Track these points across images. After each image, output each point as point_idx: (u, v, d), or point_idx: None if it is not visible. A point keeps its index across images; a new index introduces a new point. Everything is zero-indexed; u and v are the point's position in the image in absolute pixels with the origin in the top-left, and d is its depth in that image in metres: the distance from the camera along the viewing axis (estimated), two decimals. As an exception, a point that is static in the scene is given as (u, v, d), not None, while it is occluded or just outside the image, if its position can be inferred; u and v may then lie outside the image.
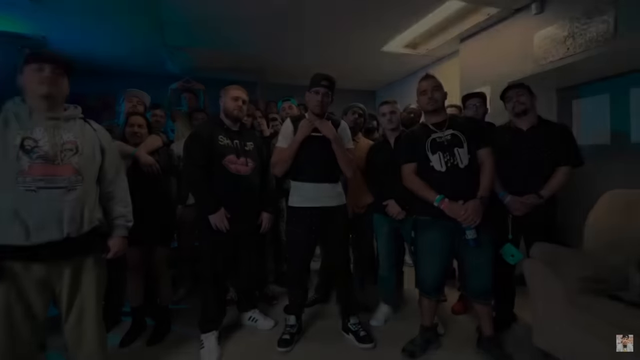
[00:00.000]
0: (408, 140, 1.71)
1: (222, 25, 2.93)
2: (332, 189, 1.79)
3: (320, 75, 1.73)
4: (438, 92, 1.65)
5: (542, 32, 2.49)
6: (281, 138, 1.82)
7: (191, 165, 1.74)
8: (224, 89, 1.92)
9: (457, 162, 1.57)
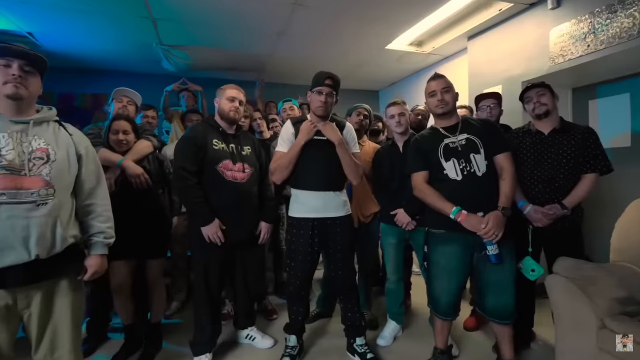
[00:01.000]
0: (418, 146, 1.56)
1: (219, 22, 2.78)
2: (337, 198, 1.64)
3: (324, 74, 1.59)
4: (449, 94, 1.50)
5: (559, 28, 2.34)
6: (281, 142, 1.67)
7: (182, 172, 1.59)
8: (219, 89, 1.78)
9: (474, 170, 1.42)
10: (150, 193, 1.75)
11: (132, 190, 1.69)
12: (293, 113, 2.55)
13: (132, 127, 1.79)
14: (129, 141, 1.74)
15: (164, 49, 3.17)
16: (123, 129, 1.73)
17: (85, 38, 2.99)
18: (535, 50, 2.52)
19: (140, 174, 1.70)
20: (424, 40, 3.40)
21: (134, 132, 1.80)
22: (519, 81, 2.62)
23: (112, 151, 1.70)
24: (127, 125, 1.76)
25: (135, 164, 1.71)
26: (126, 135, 1.73)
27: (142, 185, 1.70)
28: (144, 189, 1.71)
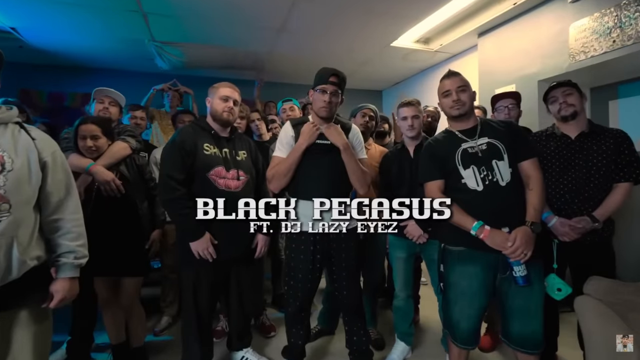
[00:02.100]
0: (432, 151, 1.39)
1: (214, 17, 2.62)
2: (341, 209, 1.47)
3: (328, 70, 1.42)
4: (465, 93, 1.34)
5: (579, 22, 2.18)
6: (279, 146, 1.50)
7: (168, 181, 1.42)
8: (211, 87, 1.61)
9: (496, 178, 1.25)
10: (127, 202, 1.58)
11: (107, 199, 1.53)
12: (293, 113, 2.38)
13: (103, 130, 1.60)
14: (98, 146, 1.57)
15: (157, 46, 3.01)
16: (91, 133, 1.56)
17: (71, 33, 2.83)
18: (552, 47, 2.36)
19: (110, 179, 1.54)
20: (431, 37, 3.24)
21: (105, 136, 1.62)
22: (535, 80, 2.46)
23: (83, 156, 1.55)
24: (96, 129, 1.58)
25: (104, 169, 1.55)
26: (95, 141, 1.56)
27: (113, 192, 1.54)
28: (117, 197, 1.55)
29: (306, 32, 2.92)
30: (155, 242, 1.70)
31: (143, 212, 1.65)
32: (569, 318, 1.73)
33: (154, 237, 1.70)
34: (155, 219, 1.71)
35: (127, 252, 1.55)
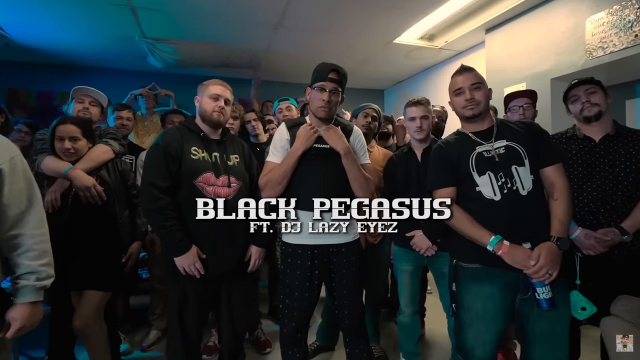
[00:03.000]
0: (443, 155, 1.25)
1: (207, 12, 2.48)
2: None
3: (327, 66, 1.28)
4: (480, 91, 1.20)
5: (597, 16, 2.03)
6: (273, 150, 1.37)
7: (151, 189, 1.28)
8: (201, 85, 1.48)
9: (516, 187, 1.11)
10: (106, 210, 1.45)
11: (85, 206, 1.40)
12: (290, 114, 2.24)
13: (83, 132, 1.49)
14: (77, 149, 1.45)
15: (148, 43, 2.87)
16: (70, 134, 1.43)
17: (58, 30, 2.71)
18: (566, 43, 2.21)
19: (90, 185, 1.41)
20: (436, 33, 3.11)
21: (86, 138, 1.50)
22: (547, 78, 2.32)
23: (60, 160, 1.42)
24: (75, 130, 1.45)
25: (84, 174, 1.42)
26: (73, 142, 1.44)
27: (93, 199, 1.41)
28: (96, 205, 1.41)
29: (305, 28, 2.78)
30: (133, 255, 1.56)
31: (123, 221, 1.52)
32: (586, 332, 1.59)
33: (133, 249, 1.56)
34: (135, 230, 1.58)
35: (95, 263, 1.41)
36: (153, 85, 2.89)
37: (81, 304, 1.42)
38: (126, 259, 1.52)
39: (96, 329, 1.45)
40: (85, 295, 1.42)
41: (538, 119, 2.02)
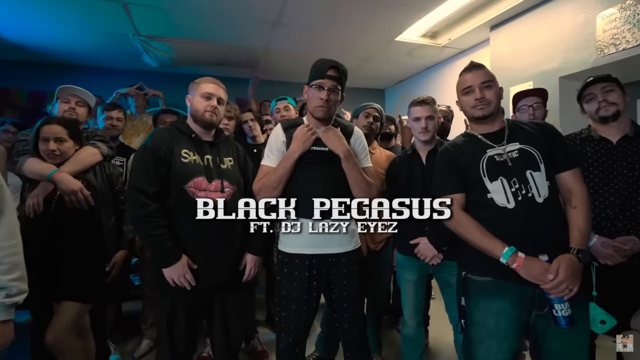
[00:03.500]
0: (451, 158, 1.16)
1: (203, 9, 2.40)
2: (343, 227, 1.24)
3: (326, 62, 1.20)
4: (491, 90, 1.11)
5: (608, 11, 1.95)
6: (268, 153, 1.28)
7: (137, 195, 1.20)
8: (192, 83, 1.40)
9: (531, 193, 1.03)
10: (91, 216, 1.36)
11: (69, 211, 1.32)
12: (288, 114, 2.15)
13: (70, 133, 1.41)
14: (63, 151, 1.37)
15: (142, 41, 2.78)
16: (55, 135, 1.35)
17: (48, 27, 2.62)
18: (575, 39, 2.13)
19: (77, 189, 1.33)
20: (439, 31, 3.02)
21: (72, 139, 1.42)
22: (555, 76, 2.24)
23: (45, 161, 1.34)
24: (62, 131, 1.38)
25: (71, 177, 1.34)
26: (59, 144, 1.36)
27: (79, 204, 1.32)
28: (81, 210, 1.33)
29: (304, 26, 2.70)
30: (117, 264, 1.47)
31: (109, 228, 1.43)
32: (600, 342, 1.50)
33: (117, 258, 1.47)
34: (121, 238, 1.49)
35: (76, 272, 1.33)
36: (141, 85, 2.78)
37: (56, 316, 1.31)
38: (109, 268, 1.43)
39: (71, 343, 1.33)
40: (61, 307, 1.32)
41: (546, 120, 1.94)
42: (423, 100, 1.43)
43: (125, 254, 1.49)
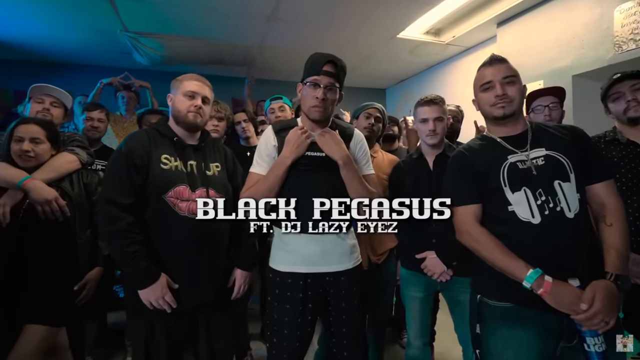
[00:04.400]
0: (465, 163, 1.03)
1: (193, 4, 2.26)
2: (341, 241, 1.11)
3: (322, 57, 1.06)
4: (513, 87, 0.99)
5: (626, 5, 1.82)
6: (257, 159, 1.15)
7: (109, 207, 1.06)
8: (174, 80, 1.27)
9: (560, 207, 0.89)
10: (64, 228, 1.23)
11: (38, 223, 1.19)
12: (283, 114, 2.01)
13: (48, 135, 1.29)
14: (38, 153, 1.25)
15: (131, 38, 2.64)
16: (31, 135, 1.23)
17: (31, 23, 2.50)
18: (590, 35, 1.99)
19: (52, 198, 1.20)
20: (443, 28, 2.89)
21: (50, 142, 1.29)
22: (568, 75, 2.10)
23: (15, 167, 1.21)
24: (39, 132, 1.26)
25: (44, 185, 1.21)
26: (35, 145, 1.23)
27: (54, 216, 1.19)
28: (55, 222, 1.20)
29: (300, 21, 2.56)
30: (90, 282, 1.32)
31: (83, 242, 1.29)
32: None
33: (91, 276, 1.32)
34: (97, 253, 1.35)
35: (43, 291, 1.19)
36: (126, 75, 2.62)
37: (19, 340, 1.17)
38: (80, 287, 1.29)
39: None
40: (25, 330, 1.18)
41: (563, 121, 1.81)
42: (431, 100, 1.29)
43: (100, 272, 1.35)
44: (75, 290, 1.28)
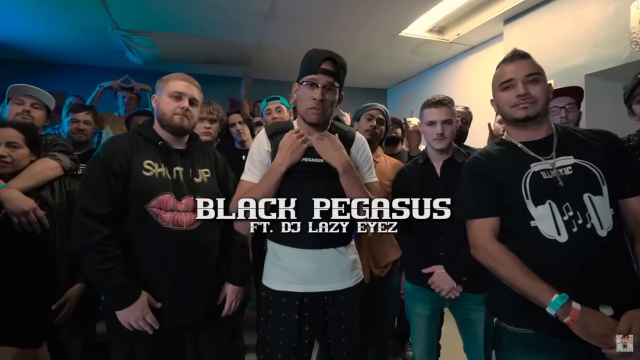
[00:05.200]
0: (482, 171, 0.93)
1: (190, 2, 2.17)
2: (341, 257, 1.01)
3: (320, 54, 0.96)
4: (538, 85, 0.89)
5: (644, -1, 1.71)
6: (249, 165, 1.05)
7: (84, 218, 0.96)
8: (160, 80, 1.18)
9: (591, 224, 0.79)
10: (42, 240, 1.14)
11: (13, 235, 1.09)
12: (280, 116, 1.90)
13: (27, 139, 1.20)
14: (15, 159, 1.16)
15: (123, 36, 2.54)
16: (8, 139, 1.15)
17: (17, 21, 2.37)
18: (605, 32, 1.89)
19: (29, 209, 1.10)
20: (447, 25, 2.79)
21: (29, 147, 1.20)
22: (580, 74, 2.00)
23: None
24: (16, 136, 1.17)
25: (21, 194, 1.11)
26: (12, 150, 1.14)
27: (31, 227, 1.10)
28: (33, 234, 1.11)
29: (299, 19, 2.47)
30: (70, 301, 1.21)
31: (64, 255, 1.19)
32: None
33: (71, 294, 1.21)
34: (78, 268, 1.25)
35: (16, 309, 1.09)
36: (126, 78, 2.54)
37: None
38: (58, 306, 1.18)
39: None
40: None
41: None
42: (439, 101, 1.18)
43: (81, 289, 1.24)
44: (53, 308, 1.17)
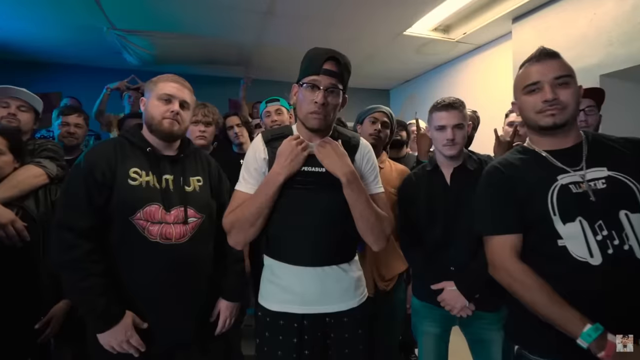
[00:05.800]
0: (502, 183, 0.84)
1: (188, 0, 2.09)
2: (344, 275, 0.92)
3: (322, 53, 0.87)
4: (567, 89, 0.80)
5: (665, -5, 1.62)
6: (244, 174, 0.96)
7: (63, 233, 0.89)
8: (149, 82, 1.10)
9: (628, 245, 0.70)
10: (26, 254, 1.06)
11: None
12: (280, 118, 1.82)
13: (10, 145, 1.13)
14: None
15: (119, 36, 2.47)
16: None
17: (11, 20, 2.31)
18: (621, 31, 1.80)
19: (7, 222, 1.02)
20: (452, 24, 2.71)
21: (12, 153, 1.13)
22: (595, 74, 1.91)
23: None
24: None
25: (1, 206, 1.04)
26: None
27: (10, 240, 1.02)
28: (13, 248, 1.03)
29: (299, 16, 2.38)
30: (55, 319, 1.12)
31: (48, 271, 1.11)
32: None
33: (55, 311, 1.12)
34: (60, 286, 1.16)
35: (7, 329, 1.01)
36: (132, 78, 2.47)
37: None
38: (42, 325, 1.09)
39: None
40: None
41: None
42: (450, 104, 1.09)
43: (67, 305, 1.15)
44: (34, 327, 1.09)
